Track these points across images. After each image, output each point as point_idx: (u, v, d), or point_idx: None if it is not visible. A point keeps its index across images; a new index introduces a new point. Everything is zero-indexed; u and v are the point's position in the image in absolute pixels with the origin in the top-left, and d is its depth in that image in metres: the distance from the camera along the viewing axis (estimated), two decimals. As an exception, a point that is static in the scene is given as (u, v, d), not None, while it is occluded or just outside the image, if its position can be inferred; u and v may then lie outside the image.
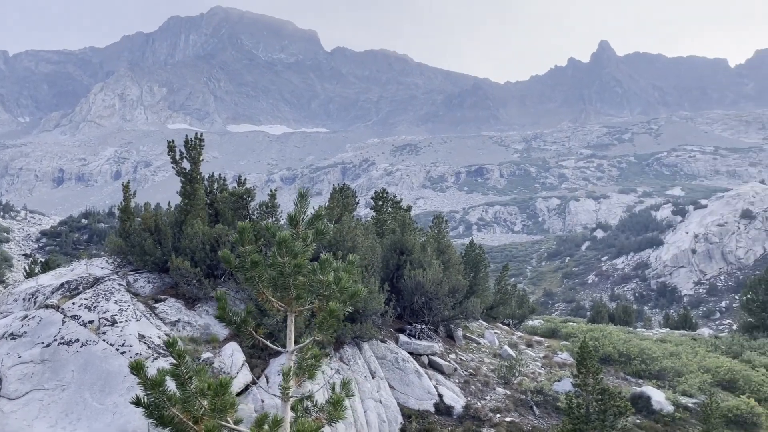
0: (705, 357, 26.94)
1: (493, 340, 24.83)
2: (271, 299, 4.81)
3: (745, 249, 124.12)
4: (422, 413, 16.87)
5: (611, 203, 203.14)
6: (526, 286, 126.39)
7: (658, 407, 19.52)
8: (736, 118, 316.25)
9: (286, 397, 4.80)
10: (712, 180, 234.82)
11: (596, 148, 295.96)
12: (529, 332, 31.58)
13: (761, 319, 38.95)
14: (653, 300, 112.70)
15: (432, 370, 19.12)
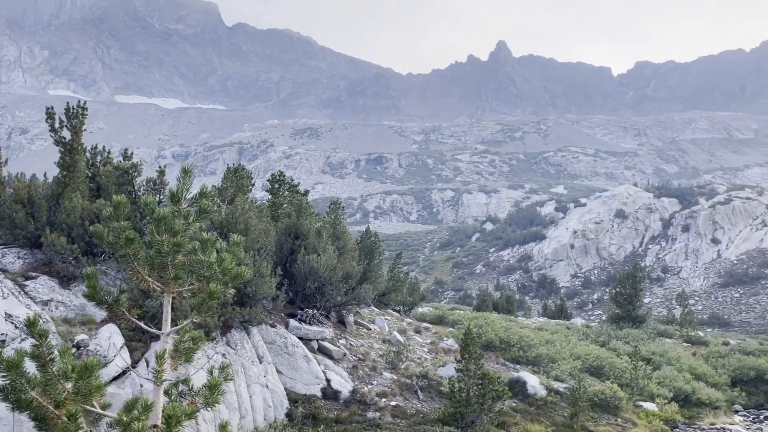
0: (577, 345, 28.91)
1: (383, 326, 25.23)
2: (147, 279, 4.55)
3: (617, 246, 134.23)
4: (309, 398, 16.85)
5: (501, 198, 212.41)
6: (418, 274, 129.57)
7: (533, 391, 20.71)
8: (615, 124, 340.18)
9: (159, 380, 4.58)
10: (592, 180, 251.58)
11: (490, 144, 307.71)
12: (418, 319, 32.41)
13: (627, 311, 42.37)
14: (534, 290, 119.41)
15: (321, 355, 19.13)
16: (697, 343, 39.69)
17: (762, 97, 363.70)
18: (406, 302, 34.51)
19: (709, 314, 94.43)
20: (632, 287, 42.87)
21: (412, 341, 24.30)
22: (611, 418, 20.58)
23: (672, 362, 29.74)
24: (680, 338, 40.66)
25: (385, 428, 15.74)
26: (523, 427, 17.98)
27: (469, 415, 16.45)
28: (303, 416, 15.86)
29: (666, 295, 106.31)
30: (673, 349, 34.42)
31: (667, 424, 21.83)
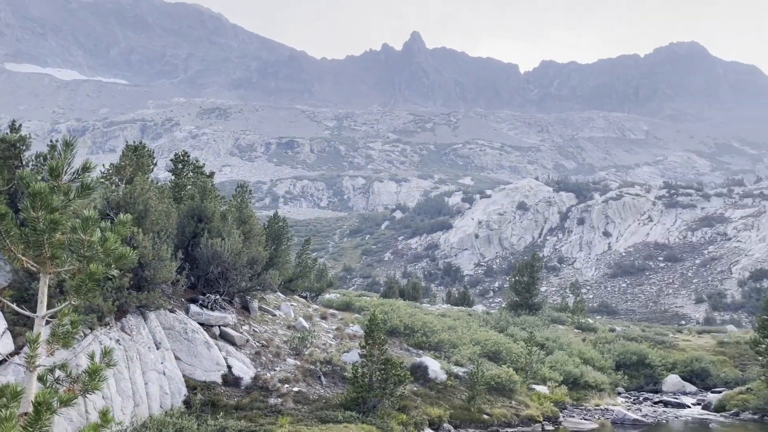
0: (477, 331, 29.96)
1: (288, 312, 25.00)
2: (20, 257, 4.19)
3: (518, 236, 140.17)
4: (209, 385, 16.44)
5: (411, 187, 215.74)
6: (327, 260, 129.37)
7: (434, 376, 21.28)
8: (521, 120, 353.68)
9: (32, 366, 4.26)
10: (497, 173, 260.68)
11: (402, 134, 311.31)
12: (325, 305, 32.37)
13: (525, 299, 44.36)
14: (440, 278, 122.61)
15: (223, 341, 18.69)
16: (587, 329, 42.19)
17: (653, 101, 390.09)
18: (314, 289, 34.38)
19: (599, 302, 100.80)
20: (530, 276, 44.91)
21: (317, 327, 24.25)
22: (506, 400, 21.51)
23: (564, 347, 31.47)
24: (572, 325, 43.09)
25: (287, 414, 15.63)
26: (423, 410, 18.43)
27: (371, 399, 16.66)
28: (202, 403, 15.46)
29: (561, 284, 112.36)
30: (565, 335, 36.42)
31: (556, 406, 23.12)
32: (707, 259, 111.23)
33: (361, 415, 16.24)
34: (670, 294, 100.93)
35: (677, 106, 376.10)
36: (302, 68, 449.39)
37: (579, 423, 22.09)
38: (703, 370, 34.80)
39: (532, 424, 20.48)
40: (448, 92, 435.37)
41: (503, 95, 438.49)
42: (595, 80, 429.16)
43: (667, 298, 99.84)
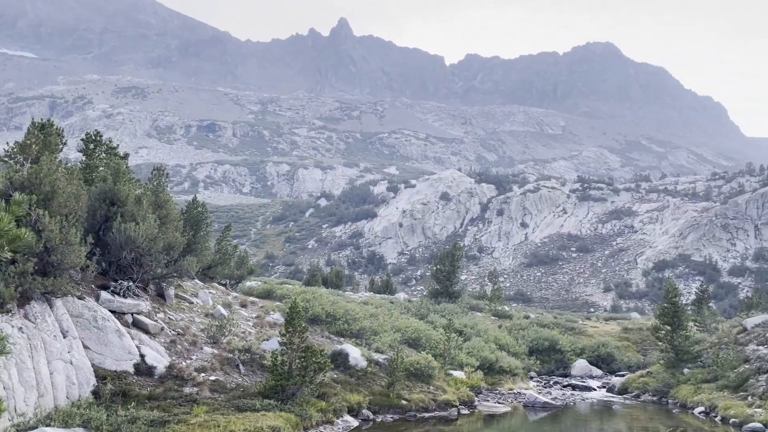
0: (398, 318, 30.35)
1: (207, 300, 24.41)
2: None
3: (440, 226, 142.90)
4: (120, 374, 15.83)
5: (336, 174, 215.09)
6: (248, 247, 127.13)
7: (354, 363, 21.40)
8: (445, 111, 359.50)
9: None
10: (422, 163, 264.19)
11: (328, 121, 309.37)
12: (245, 293, 31.83)
13: (445, 287, 45.30)
14: (363, 266, 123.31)
15: (136, 329, 18.03)
16: (503, 316, 43.63)
17: (570, 98, 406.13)
18: (234, 276, 33.70)
19: (516, 290, 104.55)
20: (451, 265, 45.88)
21: (236, 315, 23.81)
22: (425, 386, 21.95)
23: (481, 334, 32.43)
24: (489, 312, 44.43)
25: (203, 403, 15.29)
26: (343, 397, 18.52)
27: (291, 387, 16.57)
28: (112, 393, 14.87)
29: (480, 273, 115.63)
30: (483, 322, 37.53)
31: (472, 390, 23.82)
32: (615, 250, 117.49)
33: (279, 403, 16.12)
34: (581, 283, 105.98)
35: (592, 104, 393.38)
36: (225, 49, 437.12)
37: (493, 406, 22.87)
38: (608, 354, 36.81)
39: (448, 408, 21.01)
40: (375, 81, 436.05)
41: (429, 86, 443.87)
42: (516, 76, 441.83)
43: (578, 286, 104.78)
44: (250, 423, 14.15)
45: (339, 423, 17.43)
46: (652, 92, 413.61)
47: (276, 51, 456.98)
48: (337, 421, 17.45)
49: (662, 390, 26.81)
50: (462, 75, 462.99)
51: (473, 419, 20.91)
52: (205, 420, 13.93)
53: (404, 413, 19.78)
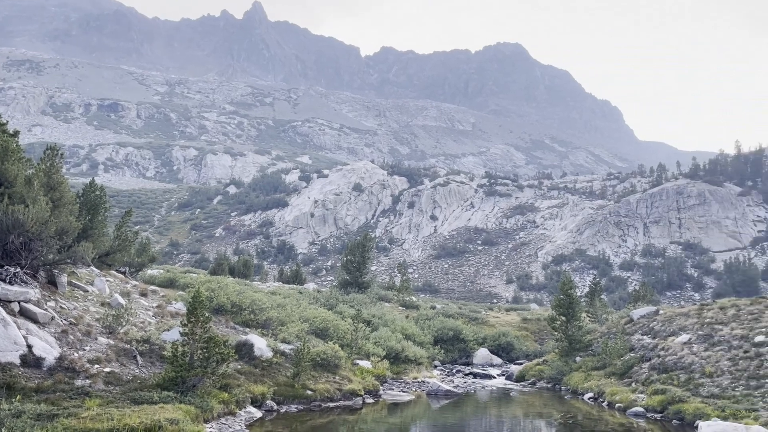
0: (306, 308, 30.18)
1: (103, 288, 23.19)
2: None
3: (352, 217, 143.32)
4: (4, 366, 14.75)
5: (247, 161, 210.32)
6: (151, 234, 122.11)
7: (260, 353, 21.08)
8: (360, 102, 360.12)
9: None
10: (335, 153, 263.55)
11: (239, 106, 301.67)
12: (146, 281, 30.56)
13: (355, 278, 45.55)
14: (273, 256, 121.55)
15: (23, 318, 16.85)
16: (410, 307, 44.46)
17: (480, 96, 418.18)
18: (134, 264, 32.22)
19: (424, 282, 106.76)
20: (361, 256, 46.17)
21: (135, 305, 22.80)
22: (331, 376, 21.98)
23: (388, 324, 32.88)
24: (397, 303, 45.14)
25: (96, 396, 14.53)
26: (246, 388, 18.21)
27: (191, 378, 16.08)
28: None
29: (390, 264, 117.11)
30: (391, 312, 38.06)
31: (378, 380, 24.12)
32: (518, 244, 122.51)
33: (179, 395, 15.61)
34: (486, 275, 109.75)
35: (501, 102, 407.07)
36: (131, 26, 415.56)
37: (397, 395, 23.27)
38: (508, 344, 38.39)
39: (353, 397, 21.16)
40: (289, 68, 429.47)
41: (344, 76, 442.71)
42: (430, 71, 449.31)
43: (483, 278, 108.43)
44: (146, 416, 13.60)
45: (241, 414, 17.13)
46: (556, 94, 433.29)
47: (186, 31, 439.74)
48: (240, 413, 17.14)
49: (556, 377, 28.28)
50: (377, 67, 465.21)
51: (377, 408, 21.18)
52: (97, 414, 13.25)
53: (309, 403, 19.74)
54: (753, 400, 17.95)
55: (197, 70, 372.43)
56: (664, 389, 20.67)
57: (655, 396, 20.48)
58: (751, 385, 19.03)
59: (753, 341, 21.39)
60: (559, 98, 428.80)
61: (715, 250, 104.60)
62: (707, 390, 19.84)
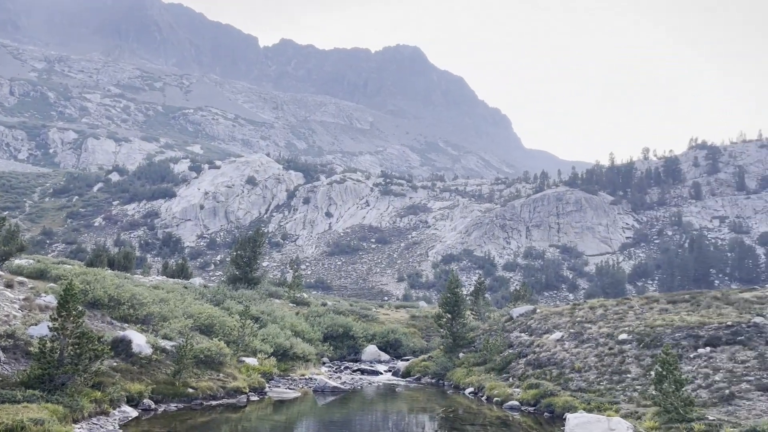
0: (191, 304, 29.09)
1: (-40, 279, 21.12)
2: None
3: (245, 211, 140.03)
4: None
5: (132, 148, 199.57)
6: (21, 221, 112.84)
7: (138, 350, 20.06)
8: (257, 94, 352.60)
9: None
10: (229, 145, 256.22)
11: (126, 89, 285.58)
12: (13, 272, 28.17)
13: (245, 273, 44.49)
14: (158, 249, 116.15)
15: None
16: (301, 303, 44.13)
17: (379, 95, 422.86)
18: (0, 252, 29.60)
19: (316, 278, 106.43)
20: (252, 251, 45.17)
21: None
22: (215, 373, 21.35)
23: (277, 321, 32.44)
24: (288, 299, 44.64)
25: (-54, 398, 13.21)
26: (122, 386, 17.27)
27: (60, 376, 15.01)
28: None
29: (282, 260, 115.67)
30: (281, 308, 37.59)
31: (264, 377, 23.74)
32: (410, 243, 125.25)
33: (46, 393, 14.52)
34: (378, 272, 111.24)
35: (398, 103, 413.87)
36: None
37: (283, 392, 23.02)
38: (396, 340, 39.13)
39: (237, 395, 20.68)
40: (182, 53, 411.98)
41: (241, 66, 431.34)
42: (330, 67, 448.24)
43: (375, 276, 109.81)
44: (8, 416, 12.55)
45: (115, 414, 16.23)
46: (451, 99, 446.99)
47: (69, 5, 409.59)
48: (114, 412, 16.23)
49: (440, 373, 29.18)
50: (276, 59, 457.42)
51: (262, 405, 20.85)
52: (-53, 417, 12.05)
53: (190, 402, 19.07)
54: (615, 394, 19.45)
55: (80, 47, 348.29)
56: (538, 384, 21.92)
57: (530, 390, 21.67)
58: (614, 380, 20.61)
59: (617, 339, 23.18)
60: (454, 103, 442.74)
61: (589, 254, 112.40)
62: (576, 384, 21.27)
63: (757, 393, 16.52)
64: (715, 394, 17.02)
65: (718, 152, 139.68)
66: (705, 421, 15.05)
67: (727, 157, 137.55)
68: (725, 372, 18.14)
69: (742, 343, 19.64)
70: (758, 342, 19.47)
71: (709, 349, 19.99)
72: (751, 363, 18.29)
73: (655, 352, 20.49)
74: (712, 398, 16.85)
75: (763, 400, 16.06)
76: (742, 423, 14.58)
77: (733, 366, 18.42)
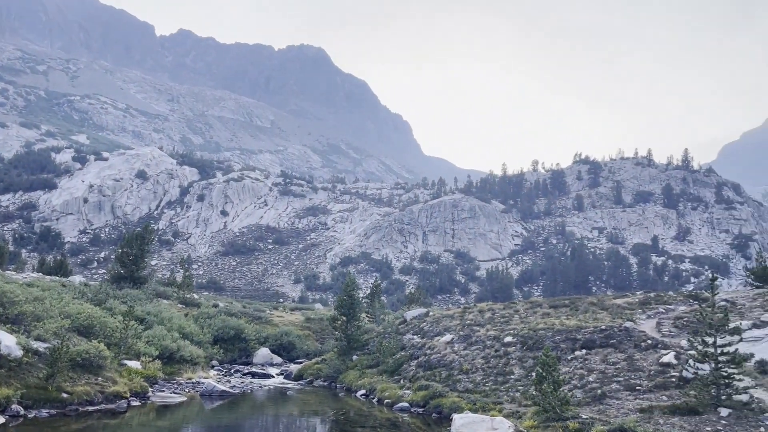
0: (69, 303, 27.21)
1: None
2: None
3: (133, 206, 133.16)
4: None
5: (9, 134, 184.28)
6: None
7: (7, 352, 18.48)
8: (151, 84, 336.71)
9: None
10: (119, 136, 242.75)
11: (4, 71, 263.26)
12: None
13: (131, 271, 42.29)
14: (34, 243, 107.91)
15: None
16: (191, 304, 42.58)
17: (280, 94, 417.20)
18: None
19: (209, 279, 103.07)
20: (140, 248, 43.03)
21: None
22: (93, 377, 20.08)
23: (164, 322, 31.06)
24: (177, 300, 42.93)
25: None
26: (-15, 394, 15.84)
27: None
28: None
29: (173, 259, 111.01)
30: (169, 309, 36.02)
31: (147, 381, 22.62)
32: (309, 244, 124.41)
33: None
34: (274, 274, 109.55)
35: (301, 103, 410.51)
36: None
37: (168, 397, 22.06)
38: (290, 343, 38.69)
39: (117, 400, 19.57)
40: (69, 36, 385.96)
41: (135, 55, 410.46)
42: (231, 61, 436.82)
43: (271, 277, 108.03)
44: None
45: (-24, 423, 14.86)
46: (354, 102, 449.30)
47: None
48: (-26, 422, 14.85)
49: (333, 375, 29.16)
50: (173, 50, 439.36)
51: (144, 411, 19.86)
52: None
53: (64, 407, 17.82)
54: (499, 394, 20.30)
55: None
56: (428, 385, 22.44)
57: (419, 392, 22.13)
58: (499, 381, 21.51)
59: (503, 341, 24.21)
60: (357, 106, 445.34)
61: (481, 259, 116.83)
62: (463, 385, 21.98)
63: (625, 393, 17.82)
64: (589, 393, 18.17)
65: (599, 167, 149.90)
66: (579, 420, 16.02)
67: (607, 172, 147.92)
68: (598, 373, 19.43)
69: (614, 346, 21.13)
70: (628, 345, 21.02)
71: (585, 351, 21.34)
72: (621, 365, 19.71)
73: (537, 354, 21.59)
74: (586, 398, 17.98)
75: (631, 399, 17.35)
76: (612, 421, 15.66)
77: (605, 367, 19.77)
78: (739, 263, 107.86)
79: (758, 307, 23.13)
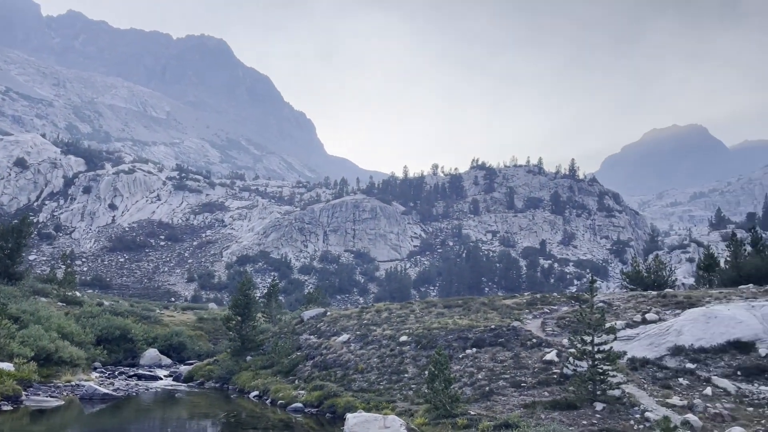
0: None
1: None
2: None
3: (10, 197, 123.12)
4: None
5: None
6: None
7: None
8: (35, 67, 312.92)
9: None
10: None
11: None
12: None
13: (5, 267, 39.11)
14: None
15: None
16: (73, 303, 40.02)
17: (179, 84, 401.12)
18: None
19: (93, 276, 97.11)
20: (16, 242, 40.00)
21: None
22: (-45, 382, 18.36)
23: (41, 321, 28.97)
24: (57, 298, 40.19)
25: None
26: None
27: None
28: None
29: (54, 254, 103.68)
30: (47, 308, 33.65)
31: (21, 384, 20.99)
32: (204, 242, 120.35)
33: None
34: (166, 272, 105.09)
35: (200, 95, 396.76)
36: None
37: (43, 401, 20.59)
38: (180, 344, 37.29)
39: (-16, 407, 18.03)
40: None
41: (18, 33, 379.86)
42: (125, 48, 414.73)
43: (162, 275, 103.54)
44: None
45: None
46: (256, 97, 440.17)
47: None
48: None
49: (225, 377, 28.42)
50: (61, 31, 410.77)
51: (17, 416, 18.42)
52: None
53: None
54: (393, 393, 20.62)
55: None
56: (323, 385, 22.39)
57: (314, 392, 22.05)
58: (393, 379, 21.84)
59: (398, 341, 24.62)
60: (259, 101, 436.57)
61: (380, 260, 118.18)
62: (358, 385, 22.13)
63: (511, 389, 18.66)
64: (478, 390, 18.87)
65: (495, 173, 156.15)
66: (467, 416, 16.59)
67: (501, 178, 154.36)
68: (487, 371, 20.22)
69: (502, 345, 22.08)
70: (515, 344, 22.04)
71: (476, 350, 22.14)
72: (508, 362, 20.63)
73: (430, 352, 22.14)
74: (475, 395, 18.66)
75: (516, 396, 18.19)
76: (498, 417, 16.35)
77: (494, 365, 20.61)
78: (617, 267, 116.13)
79: (631, 308, 25.01)
